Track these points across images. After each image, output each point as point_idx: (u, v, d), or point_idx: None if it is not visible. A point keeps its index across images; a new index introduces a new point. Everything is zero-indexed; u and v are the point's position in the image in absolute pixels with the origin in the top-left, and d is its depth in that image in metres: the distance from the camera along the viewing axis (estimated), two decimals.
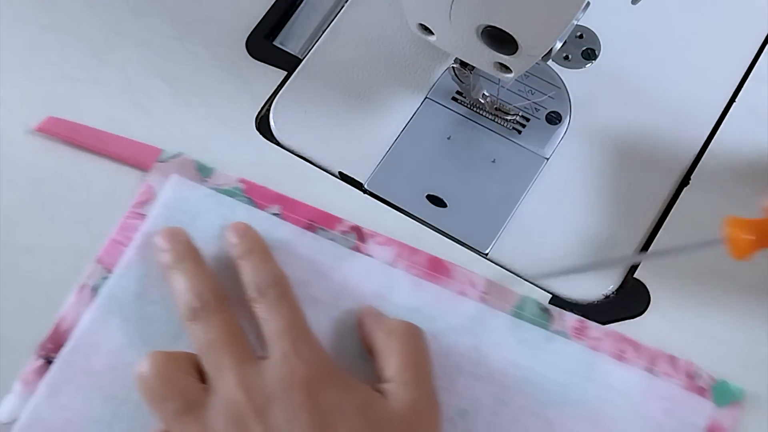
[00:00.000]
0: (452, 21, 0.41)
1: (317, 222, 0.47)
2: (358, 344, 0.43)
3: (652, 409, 0.43)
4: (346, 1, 0.53)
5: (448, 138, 0.49)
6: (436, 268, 0.46)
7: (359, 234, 0.46)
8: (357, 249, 0.46)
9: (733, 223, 0.40)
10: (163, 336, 0.44)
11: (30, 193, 0.48)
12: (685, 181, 0.48)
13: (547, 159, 0.49)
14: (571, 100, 0.50)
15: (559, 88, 0.50)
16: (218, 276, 0.43)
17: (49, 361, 0.43)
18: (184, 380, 0.40)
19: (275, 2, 0.53)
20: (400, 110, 0.50)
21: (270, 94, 0.51)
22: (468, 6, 0.40)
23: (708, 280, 0.46)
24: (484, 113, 0.50)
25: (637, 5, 0.43)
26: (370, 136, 0.49)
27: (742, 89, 0.50)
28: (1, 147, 0.49)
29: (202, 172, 0.48)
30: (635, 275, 0.46)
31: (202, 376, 0.41)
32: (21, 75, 0.51)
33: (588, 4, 0.40)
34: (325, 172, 0.49)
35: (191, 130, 0.50)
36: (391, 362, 0.41)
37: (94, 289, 0.45)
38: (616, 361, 0.44)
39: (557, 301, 0.45)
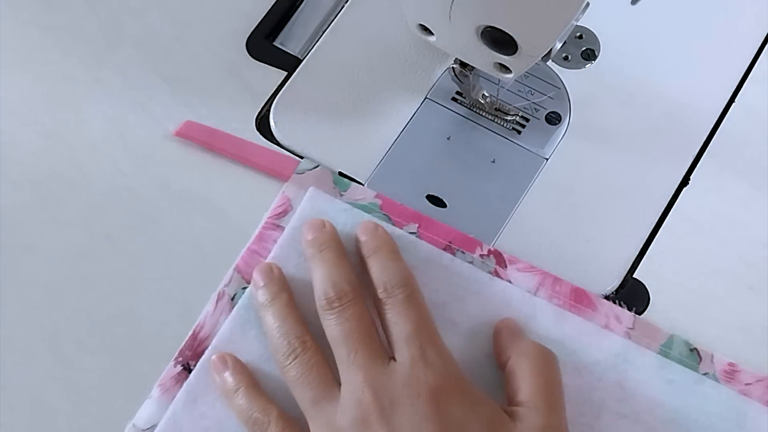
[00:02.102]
0: (452, 21, 0.41)
1: (455, 244, 0.46)
2: (493, 371, 0.43)
3: None
4: (346, 2, 0.53)
5: (448, 138, 0.49)
6: (580, 300, 0.45)
7: (499, 258, 0.45)
8: (496, 274, 0.45)
9: None
10: None
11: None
12: (684, 181, 0.48)
13: (547, 159, 0.49)
14: (571, 101, 0.50)
15: (558, 88, 0.50)
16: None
17: (187, 369, 0.43)
18: (327, 373, 0.41)
19: (275, 3, 0.53)
20: (400, 110, 0.50)
21: (270, 95, 0.51)
22: (468, 6, 0.40)
23: (708, 280, 0.46)
24: (483, 113, 0.50)
25: (636, 6, 0.44)
26: (370, 137, 0.49)
27: (742, 89, 0.50)
28: (1, 147, 0.49)
29: (339, 186, 0.47)
30: (635, 275, 0.46)
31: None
32: (21, 75, 0.51)
33: (587, 4, 0.40)
34: None
35: None
36: (524, 385, 0.40)
37: (232, 298, 0.45)
38: None
39: None
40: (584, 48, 0.51)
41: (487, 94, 0.49)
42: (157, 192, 0.48)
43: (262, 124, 0.50)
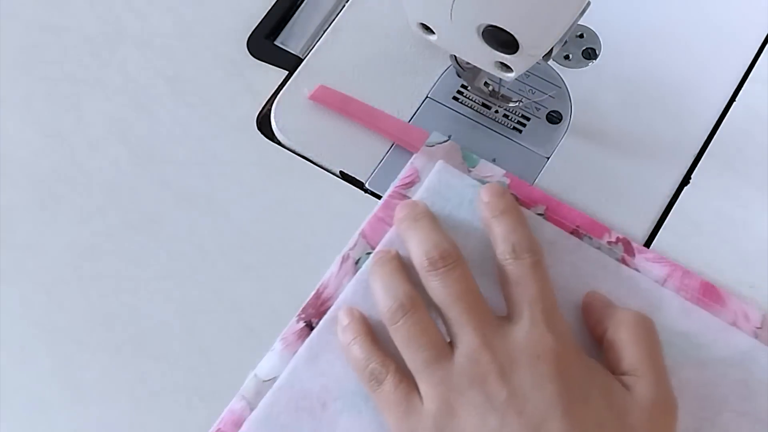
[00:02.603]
0: (453, 20, 0.41)
1: (583, 228, 0.45)
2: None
3: None
4: (347, 1, 0.53)
5: (449, 137, 0.49)
6: (709, 295, 0.44)
7: (627, 247, 0.45)
8: (623, 261, 0.45)
9: None
10: None
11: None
12: (685, 180, 0.48)
13: (548, 158, 0.49)
14: (572, 100, 0.50)
15: (559, 87, 0.50)
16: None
17: (309, 326, 0.44)
18: (437, 334, 0.41)
19: (276, 2, 0.53)
20: (401, 109, 0.50)
21: (271, 94, 0.51)
22: (469, 5, 0.40)
23: (708, 279, 0.46)
24: (484, 113, 0.50)
25: (637, 5, 0.43)
26: (370, 135, 0.49)
27: (742, 89, 0.50)
28: (2, 146, 0.49)
29: (468, 162, 0.47)
30: None
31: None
32: (21, 74, 0.51)
33: (588, 4, 0.40)
34: (326, 172, 0.49)
35: (192, 129, 0.50)
36: (627, 354, 0.40)
37: (356, 262, 0.45)
38: None
39: None
40: (585, 47, 0.51)
41: (489, 82, 0.49)
42: (157, 191, 0.48)
43: (263, 123, 0.50)
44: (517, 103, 0.48)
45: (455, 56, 0.46)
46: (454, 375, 0.39)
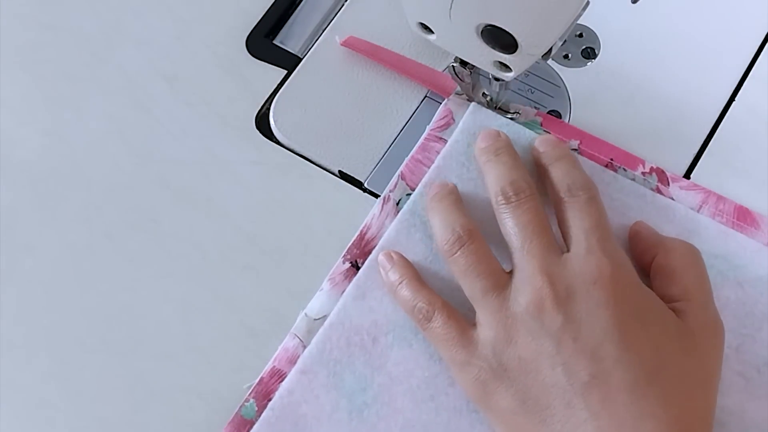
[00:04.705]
0: (452, 20, 0.41)
1: (617, 161, 0.47)
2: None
3: None
4: (346, 0, 0.53)
5: None
6: (744, 218, 0.45)
7: (661, 176, 0.46)
8: (658, 191, 0.46)
9: None
10: None
11: None
12: (685, 179, 0.48)
13: None
14: (571, 99, 0.50)
15: (558, 86, 0.50)
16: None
17: (355, 266, 0.45)
18: (495, 263, 0.41)
19: (275, 1, 0.53)
20: (400, 109, 0.50)
21: (270, 93, 0.51)
22: (468, 5, 0.40)
23: None
24: None
25: (636, 4, 0.43)
26: (369, 135, 0.49)
27: (742, 88, 0.50)
28: (1, 146, 0.49)
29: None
30: None
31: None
32: (21, 74, 0.51)
33: (588, 3, 0.40)
34: (324, 171, 0.49)
35: (191, 128, 0.50)
36: (677, 281, 0.41)
37: (397, 203, 0.46)
38: None
39: None
40: (584, 46, 0.51)
41: (487, 93, 0.49)
42: (156, 191, 0.48)
43: (262, 122, 0.50)
44: (514, 115, 0.48)
45: (453, 67, 0.46)
46: (511, 302, 0.40)
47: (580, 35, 0.52)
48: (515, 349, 0.39)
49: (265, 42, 0.52)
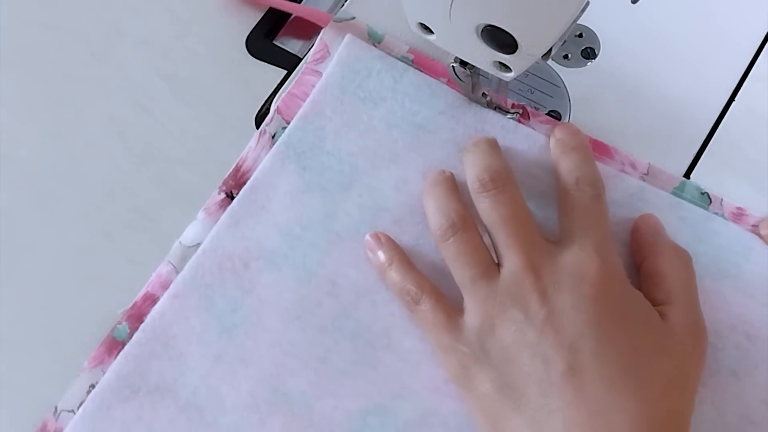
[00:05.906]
0: (452, 20, 0.41)
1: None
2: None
3: None
4: (345, 0, 0.53)
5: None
6: (598, 149, 0.47)
7: (524, 111, 0.48)
8: (522, 123, 0.48)
9: None
10: (336, 185, 0.46)
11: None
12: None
13: None
14: (571, 99, 0.50)
15: (558, 87, 0.50)
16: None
17: (230, 196, 0.46)
18: (486, 253, 0.42)
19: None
20: None
21: (270, 93, 0.51)
22: (468, 5, 0.40)
23: None
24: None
25: (636, 5, 0.43)
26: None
27: (741, 89, 0.50)
28: (1, 145, 0.49)
29: (373, 38, 0.50)
30: None
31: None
32: (21, 74, 0.51)
33: (587, 3, 0.40)
34: None
35: (191, 129, 0.50)
36: (662, 285, 0.42)
37: (273, 137, 0.48)
38: None
39: None
40: (584, 47, 0.51)
41: (487, 93, 0.49)
42: (156, 191, 0.48)
43: (262, 122, 0.50)
44: (514, 115, 0.48)
45: (453, 67, 0.46)
46: (498, 293, 0.41)
47: (580, 35, 0.52)
48: (499, 337, 0.40)
49: (265, 42, 0.52)
